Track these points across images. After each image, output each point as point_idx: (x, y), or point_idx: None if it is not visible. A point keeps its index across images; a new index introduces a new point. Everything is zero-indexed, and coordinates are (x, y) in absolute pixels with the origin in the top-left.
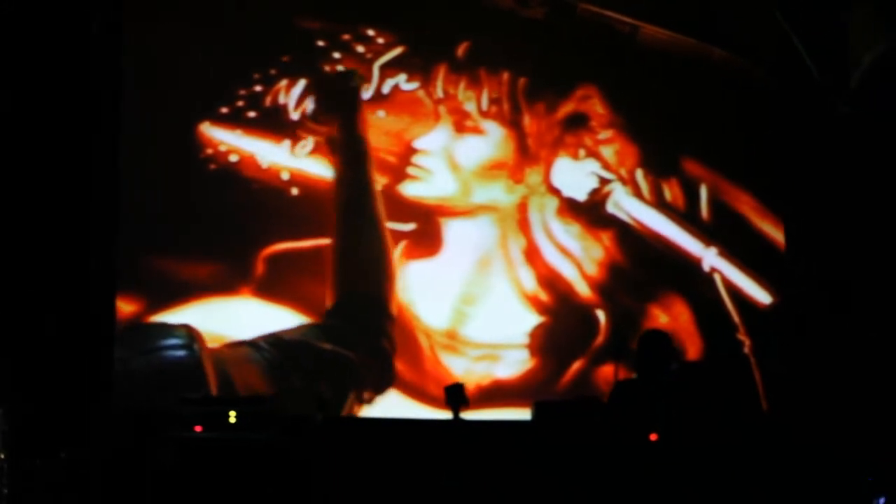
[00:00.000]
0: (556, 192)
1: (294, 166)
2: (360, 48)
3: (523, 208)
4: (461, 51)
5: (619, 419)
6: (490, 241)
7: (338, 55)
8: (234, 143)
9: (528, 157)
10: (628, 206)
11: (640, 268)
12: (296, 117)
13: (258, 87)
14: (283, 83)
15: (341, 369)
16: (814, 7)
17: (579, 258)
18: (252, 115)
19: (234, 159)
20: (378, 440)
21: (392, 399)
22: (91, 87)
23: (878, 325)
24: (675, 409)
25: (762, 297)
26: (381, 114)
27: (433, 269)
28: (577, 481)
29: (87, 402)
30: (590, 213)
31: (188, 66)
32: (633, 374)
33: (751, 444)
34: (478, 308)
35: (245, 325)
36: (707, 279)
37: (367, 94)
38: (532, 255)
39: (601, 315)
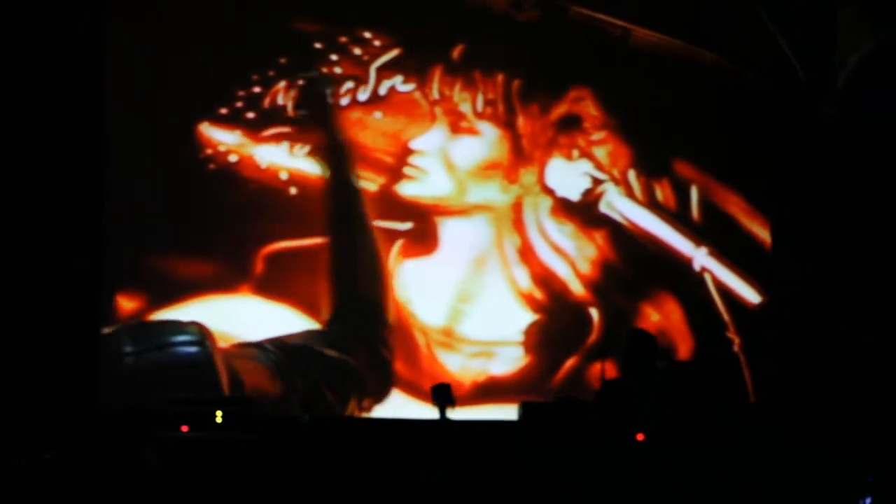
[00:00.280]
0: (550, 192)
1: (292, 166)
2: (357, 50)
3: (518, 208)
4: (456, 53)
5: (605, 419)
6: (485, 240)
7: (335, 57)
8: (234, 143)
9: (522, 157)
10: (621, 206)
11: (633, 267)
12: (294, 117)
13: (257, 89)
14: (282, 84)
15: (343, 375)
16: (800, 7)
17: (573, 257)
18: (251, 115)
19: (233, 159)
20: (364, 440)
21: (389, 396)
22: (79, 84)
23: (864, 324)
24: (661, 408)
25: (751, 296)
26: (378, 115)
27: (429, 267)
28: (564, 481)
29: (72, 403)
30: (583, 212)
31: (188, 67)
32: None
33: (739, 441)
34: (473, 306)
35: (244, 322)
36: (697, 278)
37: (363, 95)
38: (527, 253)
39: (594, 313)
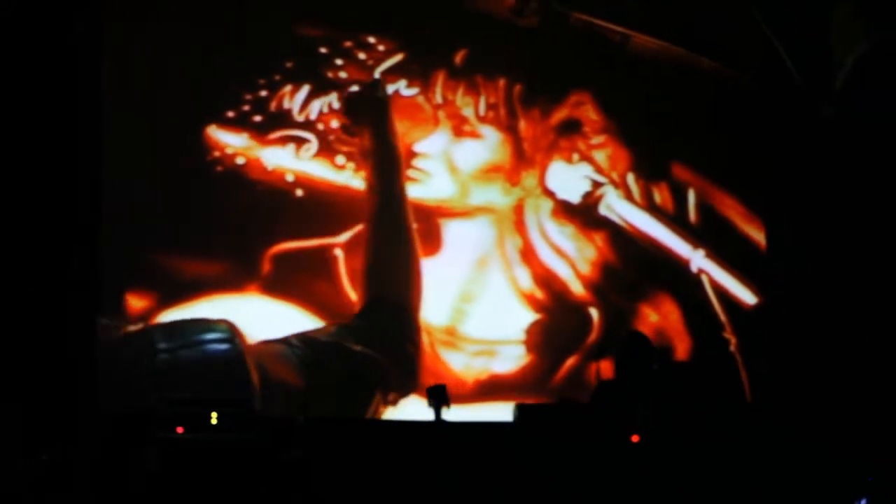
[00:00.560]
0: (550, 194)
1: (298, 168)
2: (362, 55)
3: (519, 210)
4: (459, 58)
5: (601, 420)
6: (488, 242)
7: (340, 62)
8: (241, 145)
9: (523, 160)
10: (620, 208)
11: (632, 268)
12: (300, 120)
13: (263, 92)
14: (288, 88)
15: (369, 370)
16: (795, 9)
17: (573, 258)
18: (258, 118)
19: (240, 162)
20: (360, 441)
21: (415, 390)
22: (74, 85)
23: (861, 324)
24: (657, 409)
25: (747, 297)
26: None
27: (433, 268)
28: (559, 483)
29: (70, 403)
30: (583, 214)
31: (195, 70)
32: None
33: (735, 442)
34: (476, 305)
35: (252, 321)
36: (695, 280)
37: None
38: (528, 254)
39: (594, 313)
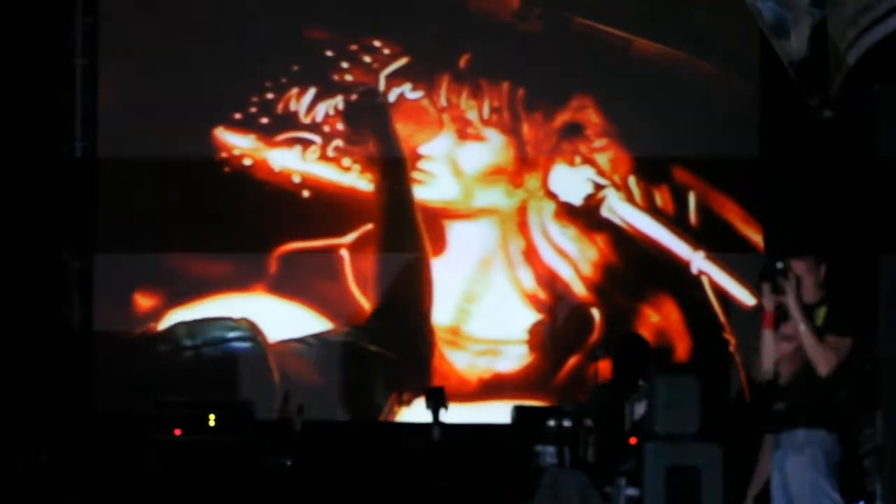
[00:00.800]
0: (553, 196)
1: (305, 170)
2: (367, 58)
3: (522, 211)
4: (463, 62)
5: (598, 422)
6: (491, 243)
7: (346, 65)
8: (248, 147)
9: (526, 163)
10: (621, 210)
11: (633, 269)
12: (307, 122)
13: (270, 95)
14: (294, 91)
15: (385, 370)
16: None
17: (575, 259)
18: (265, 120)
19: (247, 163)
20: (356, 442)
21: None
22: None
23: (858, 324)
24: (654, 411)
25: (746, 298)
26: None
27: (437, 268)
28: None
29: (68, 405)
30: (585, 216)
31: (204, 73)
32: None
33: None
34: (480, 306)
35: (259, 319)
36: (695, 281)
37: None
38: (531, 255)
39: (596, 313)
